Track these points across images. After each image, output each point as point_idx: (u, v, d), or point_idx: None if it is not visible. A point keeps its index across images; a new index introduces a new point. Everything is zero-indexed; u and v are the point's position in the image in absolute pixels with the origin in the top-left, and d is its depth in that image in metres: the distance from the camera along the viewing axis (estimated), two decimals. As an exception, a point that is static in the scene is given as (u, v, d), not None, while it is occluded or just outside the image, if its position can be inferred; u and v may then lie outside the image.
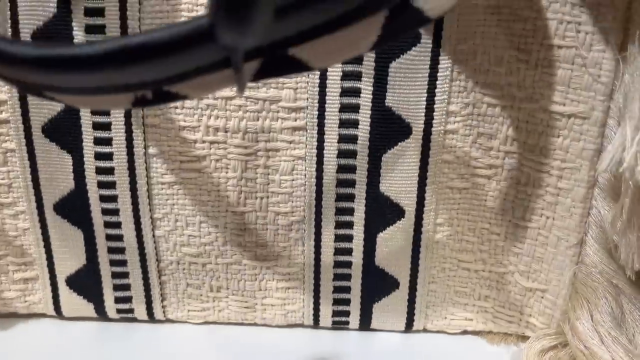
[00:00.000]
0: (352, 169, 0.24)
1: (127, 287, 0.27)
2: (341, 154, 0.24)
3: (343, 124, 0.23)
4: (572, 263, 0.24)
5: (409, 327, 0.27)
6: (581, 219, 0.23)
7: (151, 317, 0.27)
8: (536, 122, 0.23)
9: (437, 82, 0.23)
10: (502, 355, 0.26)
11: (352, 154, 0.24)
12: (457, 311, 0.27)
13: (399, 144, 0.24)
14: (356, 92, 0.23)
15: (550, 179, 0.23)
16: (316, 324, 0.27)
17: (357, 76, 0.23)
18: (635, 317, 0.22)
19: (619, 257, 0.22)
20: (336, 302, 0.27)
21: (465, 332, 0.27)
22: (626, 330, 0.22)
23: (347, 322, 0.27)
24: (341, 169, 0.24)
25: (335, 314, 0.27)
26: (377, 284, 0.26)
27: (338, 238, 0.25)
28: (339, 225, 0.25)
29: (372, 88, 0.23)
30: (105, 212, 0.25)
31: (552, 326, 0.25)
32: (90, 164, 0.24)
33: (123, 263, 0.26)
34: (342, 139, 0.24)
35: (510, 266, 0.26)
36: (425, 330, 0.28)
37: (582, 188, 0.23)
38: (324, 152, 0.24)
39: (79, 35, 0.22)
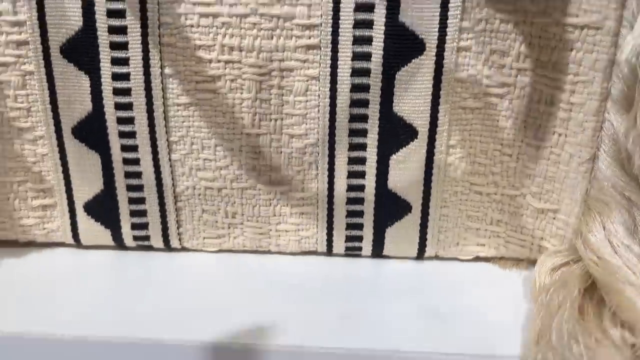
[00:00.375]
0: (365, 88, 0.24)
1: (143, 213, 0.27)
2: (355, 72, 0.24)
3: (357, 41, 0.24)
4: (584, 180, 0.24)
5: (421, 253, 0.27)
6: (594, 133, 0.23)
7: (167, 245, 0.28)
8: (549, 37, 0.23)
9: (451, -3, 0.23)
10: (514, 279, 0.27)
11: (366, 73, 0.24)
12: (470, 236, 0.27)
13: (413, 60, 0.24)
14: (370, 8, 0.23)
15: (563, 95, 0.24)
16: (329, 250, 0.28)
17: (371, -9, 0.23)
18: (647, 228, 0.22)
19: (632, 168, 0.22)
20: (349, 226, 0.27)
21: (477, 259, 0.28)
22: (639, 241, 0.22)
23: (360, 248, 0.28)
24: (355, 88, 0.24)
25: (348, 239, 0.27)
26: (390, 207, 0.26)
27: (351, 161, 0.26)
28: (352, 147, 0.25)
29: (385, 3, 0.23)
30: (122, 135, 0.25)
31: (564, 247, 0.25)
32: (107, 84, 0.25)
33: (140, 188, 0.27)
34: (355, 56, 0.24)
35: (522, 188, 0.26)
36: (437, 257, 0.28)
37: (595, 101, 0.23)
38: (338, 71, 0.24)
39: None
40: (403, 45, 0.23)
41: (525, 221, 0.26)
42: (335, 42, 0.24)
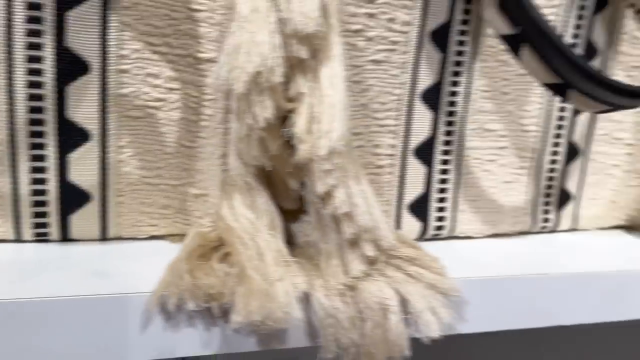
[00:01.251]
0: (41, 98, 0.30)
1: None
2: (31, 84, 0.29)
3: (31, 59, 0.29)
4: (221, 171, 0.33)
5: (104, 235, 0.33)
6: (223, 136, 0.32)
7: None
8: (194, 64, 0.31)
9: (110, 32, 0.30)
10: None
11: (41, 85, 0.29)
12: (144, 219, 0.34)
13: (80, 78, 0.30)
14: (38, 34, 0.29)
15: (203, 109, 0.32)
16: (19, 237, 0.32)
17: (37, 20, 0.28)
18: (258, 203, 0.32)
19: (247, 160, 0.31)
20: (36, 215, 0.32)
21: (153, 237, 0.35)
22: (252, 209, 0.32)
23: (48, 234, 0.32)
24: (32, 97, 0.29)
25: (36, 225, 0.32)
26: (72, 198, 0.32)
27: (33, 158, 0.31)
28: (33, 146, 0.30)
29: (54, 31, 0.29)
30: None
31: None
32: None
33: None
34: (30, 72, 0.29)
35: (182, 179, 0.34)
36: (120, 238, 0.34)
37: (221, 113, 0.32)
38: (15, 82, 0.29)
39: None
40: (69, 66, 0.29)
41: (186, 205, 0.34)
42: (11, 60, 0.28)
